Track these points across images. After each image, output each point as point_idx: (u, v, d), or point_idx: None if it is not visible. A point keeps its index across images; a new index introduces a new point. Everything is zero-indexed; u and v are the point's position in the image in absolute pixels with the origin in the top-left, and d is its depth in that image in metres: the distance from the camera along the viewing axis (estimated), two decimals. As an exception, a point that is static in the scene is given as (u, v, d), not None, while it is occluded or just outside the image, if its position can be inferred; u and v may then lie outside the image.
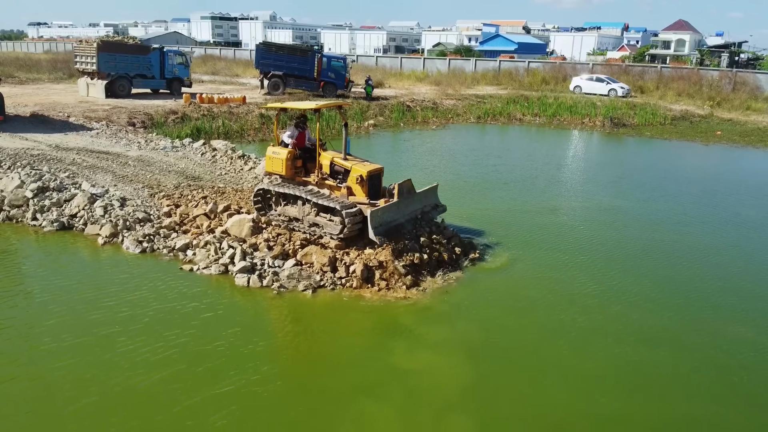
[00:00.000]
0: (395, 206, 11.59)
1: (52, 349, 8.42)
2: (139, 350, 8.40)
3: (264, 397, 7.54)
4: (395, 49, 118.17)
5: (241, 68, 50.31)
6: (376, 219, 11.02)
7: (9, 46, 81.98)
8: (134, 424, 6.96)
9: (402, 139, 28.81)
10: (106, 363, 8.12)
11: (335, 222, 11.48)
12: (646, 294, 11.00)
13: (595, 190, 18.97)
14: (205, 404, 7.29)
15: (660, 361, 8.71)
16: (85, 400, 7.33)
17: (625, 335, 9.44)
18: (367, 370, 8.30)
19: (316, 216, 11.83)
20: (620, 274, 11.87)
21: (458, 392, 7.80)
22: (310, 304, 10.11)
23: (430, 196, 12.75)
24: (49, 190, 14.04)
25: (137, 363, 8.12)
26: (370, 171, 11.69)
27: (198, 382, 7.73)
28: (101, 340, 8.72)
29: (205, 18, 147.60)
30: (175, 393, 7.50)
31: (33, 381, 7.76)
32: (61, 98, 28.32)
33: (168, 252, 11.93)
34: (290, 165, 12.28)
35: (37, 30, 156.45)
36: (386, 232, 11.22)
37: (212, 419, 7.02)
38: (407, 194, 11.90)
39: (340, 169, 12.05)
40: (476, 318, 9.83)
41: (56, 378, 7.78)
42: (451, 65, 52.93)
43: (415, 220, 12.06)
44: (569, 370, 8.40)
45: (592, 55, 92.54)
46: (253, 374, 8.01)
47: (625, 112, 36.12)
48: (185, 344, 8.66)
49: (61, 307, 9.66)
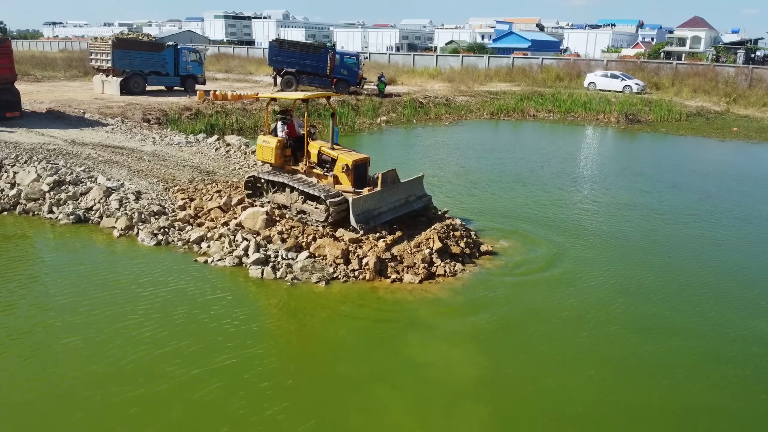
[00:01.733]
0: (378, 195, 11.88)
1: (65, 325, 8.81)
2: (149, 328, 8.56)
3: (277, 385, 7.57)
4: (408, 47, 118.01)
5: (254, 66, 50.51)
6: (357, 207, 11.41)
7: (25, 45, 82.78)
8: (141, 392, 7.24)
9: (414, 135, 28.79)
10: (114, 338, 8.44)
11: (321, 210, 11.84)
12: (662, 287, 10.91)
13: (609, 185, 18.83)
14: (216, 388, 7.33)
15: (677, 353, 8.63)
16: (94, 370, 7.69)
17: (642, 327, 9.36)
18: (381, 360, 8.30)
19: (303, 203, 12.24)
20: (636, 268, 11.77)
21: (472, 382, 7.79)
22: (323, 296, 10.12)
23: (415, 187, 12.86)
24: (65, 184, 14.18)
25: (144, 339, 8.36)
26: (355, 160, 12.03)
27: (213, 374, 7.78)
28: (111, 319, 9.04)
29: (219, 17, 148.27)
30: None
31: (47, 354, 8.13)
32: (76, 95, 28.59)
33: (183, 244, 12.00)
34: (279, 153, 12.72)
35: (53, 29, 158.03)
36: (368, 220, 11.57)
37: (227, 403, 7.06)
38: (391, 184, 12.14)
39: (327, 158, 12.45)
40: (489, 310, 9.79)
41: (67, 350, 8.16)
42: (464, 62, 52.76)
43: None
44: (583, 360, 8.35)
45: (606, 52, 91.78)
46: (267, 362, 8.06)
47: (640, 108, 35.84)
48: (199, 330, 8.72)
49: (74, 289, 9.96)
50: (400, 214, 12.29)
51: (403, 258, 10.96)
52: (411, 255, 11.01)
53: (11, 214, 13.65)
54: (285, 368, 8.07)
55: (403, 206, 12.39)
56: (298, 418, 6.94)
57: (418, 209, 12.78)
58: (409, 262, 10.86)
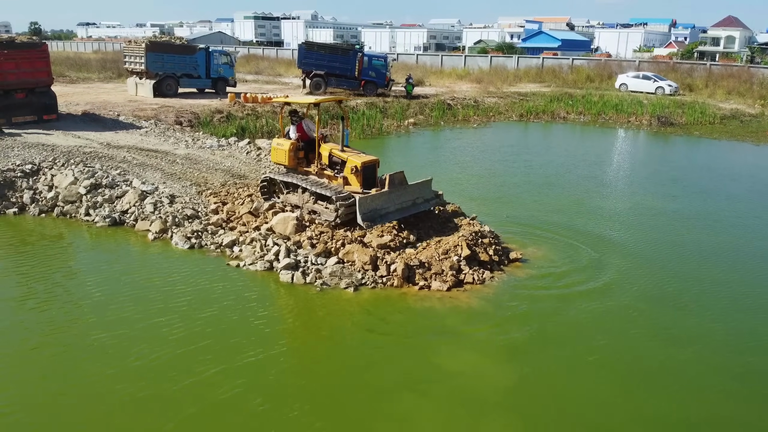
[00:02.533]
0: (385, 195, 12.29)
1: (97, 322, 9.27)
2: (178, 326, 8.75)
3: (304, 390, 7.70)
4: (435, 46, 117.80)
5: (284, 67, 50.96)
6: (364, 205, 11.88)
7: (60, 46, 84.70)
8: (165, 387, 7.55)
9: (442, 137, 28.78)
10: (143, 335, 8.83)
11: (330, 209, 12.25)
12: (695, 297, 10.79)
13: (641, 191, 18.60)
14: (245, 390, 7.50)
15: (710, 365, 8.54)
16: (121, 365, 8.06)
17: (673, 338, 9.28)
18: (410, 368, 8.35)
19: (314, 203, 12.73)
20: (667, 277, 11.65)
21: (501, 393, 7.80)
22: (352, 302, 10.24)
23: (423, 189, 13.11)
24: (101, 187, 14.57)
25: (172, 338, 8.63)
26: (364, 162, 12.45)
27: (239, 372, 7.95)
28: (141, 317, 9.43)
29: (249, 18, 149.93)
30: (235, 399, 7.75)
31: (80, 348, 8.61)
32: (111, 97, 29.23)
33: (215, 248, 12.26)
34: (293, 156, 13.26)
35: (86, 30, 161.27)
36: (375, 218, 11.99)
37: (252, 404, 7.22)
38: (398, 185, 12.52)
39: (337, 160, 12.88)
40: (519, 319, 9.78)
41: (97, 346, 8.62)
42: (492, 62, 52.47)
43: None
44: (613, 372, 8.31)
45: (638, 52, 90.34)
46: (293, 365, 8.24)
47: (673, 110, 35.21)
48: (225, 330, 8.93)
49: (108, 288, 10.46)
50: (407, 215, 12.58)
51: (431, 265, 11.02)
52: (439, 262, 11.06)
53: (49, 216, 14.10)
54: (311, 372, 8.21)
55: (410, 207, 12.70)
56: (323, 423, 7.07)
57: (425, 210, 13.08)
58: (437, 269, 10.91)
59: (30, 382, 7.75)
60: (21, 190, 14.76)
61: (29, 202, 14.42)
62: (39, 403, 7.34)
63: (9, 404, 7.28)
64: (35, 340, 8.77)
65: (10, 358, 8.28)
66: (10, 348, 8.55)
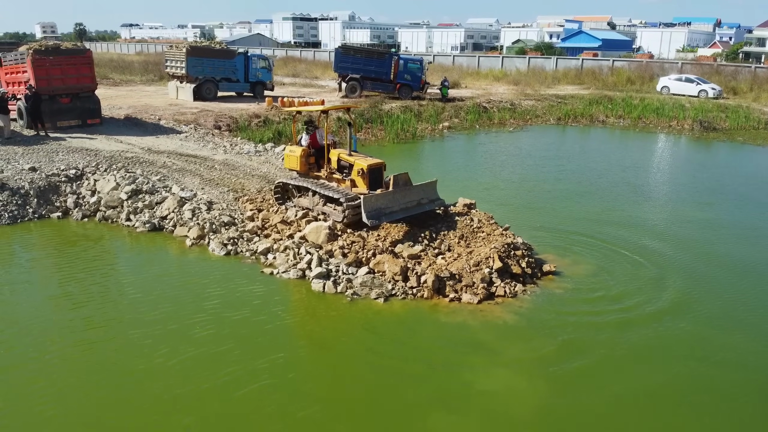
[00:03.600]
0: (390, 195, 12.76)
1: (132, 320, 9.76)
2: (210, 328, 8.98)
3: (330, 402, 7.80)
4: (473, 46, 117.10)
5: (320, 70, 51.35)
6: (369, 204, 12.35)
7: (103, 47, 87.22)
8: (191, 385, 7.75)
9: (476, 141, 28.63)
10: (174, 335, 9.23)
11: (339, 210, 12.82)
12: (733, 315, 10.50)
13: (682, 201, 18.17)
14: (290, 399, 7.64)
15: (749, 385, 8.33)
16: (150, 362, 8.53)
17: (713, 357, 9.08)
18: (441, 383, 8.31)
19: (324, 206, 13.35)
20: (708, 294, 11.34)
21: (535, 412, 7.71)
22: (382, 312, 10.30)
23: (428, 190, 13.47)
24: (141, 193, 14.98)
25: (202, 338, 9.01)
26: (370, 165, 12.99)
27: (285, 392, 8.11)
28: (174, 318, 9.88)
29: (287, 19, 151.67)
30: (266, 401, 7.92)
31: (108, 345, 9.16)
32: (152, 101, 29.98)
33: (250, 255, 12.49)
34: (304, 161, 14.01)
35: (129, 31, 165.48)
36: (380, 216, 12.45)
37: (283, 411, 7.36)
38: (403, 186, 13.04)
39: (345, 163, 13.50)
40: (554, 335, 9.62)
41: (127, 343, 9.12)
42: (530, 64, 51.93)
43: None
44: (649, 391, 8.17)
45: (681, 52, 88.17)
46: (323, 377, 8.35)
47: (716, 114, 34.24)
48: (253, 335, 9.13)
49: (144, 289, 10.98)
50: (411, 214, 13.00)
51: (461, 277, 11.01)
52: (470, 274, 11.04)
53: (92, 221, 14.58)
54: (339, 383, 8.29)
55: (414, 207, 13.09)
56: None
57: (429, 210, 13.48)
58: (468, 281, 10.90)
59: (68, 376, 8.22)
60: (65, 194, 15.29)
61: (73, 206, 14.94)
62: (60, 394, 7.81)
63: (44, 396, 7.71)
64: (76, 337, 9.33)
65: (53, 354, 8.75)
66: (54, 345, 9.00)
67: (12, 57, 21.95)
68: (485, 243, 12.25)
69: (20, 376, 8.20)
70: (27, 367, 8.42)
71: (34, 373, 8.25)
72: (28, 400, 7.67)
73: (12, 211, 14.48)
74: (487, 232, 12.83)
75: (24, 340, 9.11)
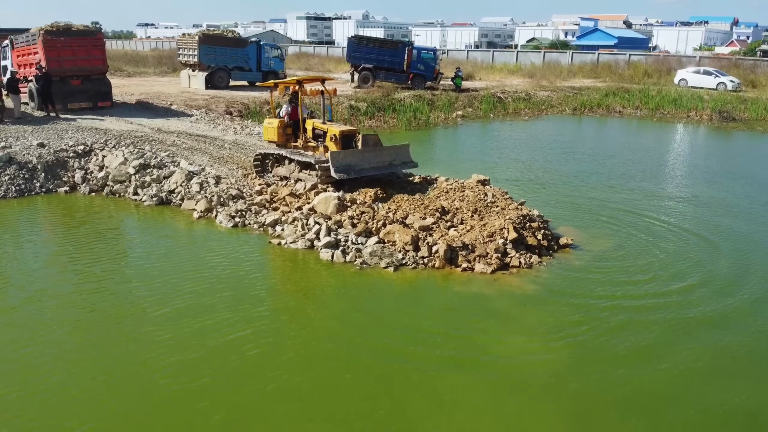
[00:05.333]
0: (360, 153, 13.33)
1: (145, 295, 9.03)
2: (220, 299, 8.65)
3: (344, 365, 7.47)
4: (487, 45, 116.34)
5: (333, 64, 51.06)
6: (336, 160, 12.77)
7: (119, 44, 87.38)
8: (194, 353, 7.21)
9: (491, 129, 28.20)
10: (185, 309, 8.54)
11: (313, 175, 13.40)
12: (753, 287, 10.04)
13: (699, 181, 17.67)
14: (293, 362, 7.33)
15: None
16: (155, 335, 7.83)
17: (733, 326, 8.64)
18: (455, 347, 7.95)
19: (300, 172, 13.92)
20: (728, 266, 10.89)
21: (553, 378, 7.29)
22: (393, 281, 9.96)
23: (400, 153, 14.01)
24: (149, 167, 14.76)
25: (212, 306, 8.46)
26: (342, 131, 13.64)
27: (288, 348, 7.80)
28: (184, 286, 9.30)
29: (301, 18, 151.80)
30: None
31: (114, 318, 8.57)
32: (164, 89, 29.86)
33: (258, 227, 12.21)
34: (281, 132, 14.65)
35: (145, 30, 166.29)
36: (348, 171, 12.87)
37: (298, 380, 7.05)
38: (373, 146, 13.65)
39: (320, 132, 14.12)
40: (570, 304, 9.23)
41: (135, 317, 8.44)
42: (545, 58, 51.28)
43: None
44: (668, 358, 7.75)
45: (698, 50, 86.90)
46: (334, 339, 8.00)
47: (735, 106, 33.54)
48: (270, 309, 8.81)
49: (152, 263, 10.37)
50: (383, 173, 13.63)
51: (474, 247, 10.63)
52: (483, 244, 10.66)
53: (99, 195, 14.40)
54: (351, 348, 7.91)
55: (386, 167, 13.67)
56: (363, 393, 6.84)
57: (401, 172, 14.16)
58: (482, 251, 10.52)
59: (70, 346, 7.88)
60: (73, 169, 15.12)
61: (80, 181, 14.75)
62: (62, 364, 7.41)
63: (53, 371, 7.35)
64: (85, 308, 8.93)
65: (60, 327, 8.44)
66: (65, 319, 8.70)
67: (23, 39, 21.91)
68: (499, 216, 11.87)
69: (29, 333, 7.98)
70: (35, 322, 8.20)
71: (40, 334, 8.06)
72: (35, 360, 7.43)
73: (19, 185, 14.32)
74: (502, 206, 12.41)
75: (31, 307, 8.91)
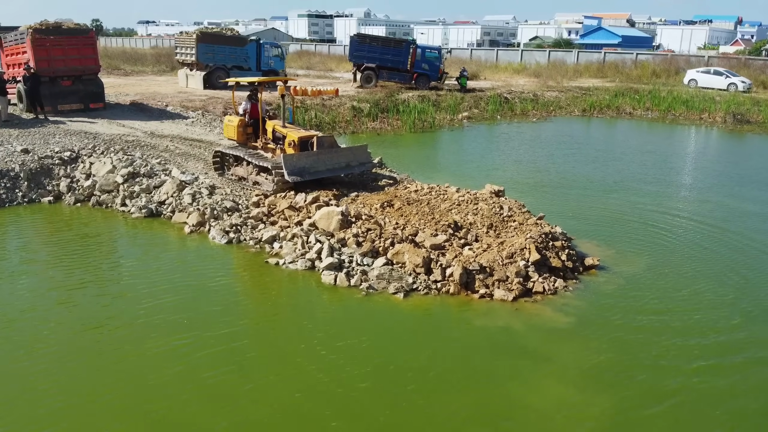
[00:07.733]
0: (314, 156, 13.10)
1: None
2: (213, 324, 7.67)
3: (346, 424, 6.49)
4: (489, 43, 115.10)
5: (335, 63, 50.01)
6: (289, 163, 12.60)
7: (118, 42, 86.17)
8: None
9: (497, 131, 27.20)
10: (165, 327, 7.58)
11: (269, 180, 13.12)
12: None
13: (723, 192, 16.66)
14: (310, 404, 6.36)
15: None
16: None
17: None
18: (483, 398, 6.90)
19: (257, 175, 13.62)
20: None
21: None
22: (403, 309, 8.96)
23: (358, 153, 13.95)
24: (139, 176, 13.78)
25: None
26: (301, 136, 13.45)
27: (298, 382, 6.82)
28: (172, 304, 8.63)
29: (302, 16, 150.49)
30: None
31: (100, 331, 7.84)
32: (161, 89, 28.83)
33: (254, 243, 11.24)
34: (241, 131, 14.38)
35: (146, 28, 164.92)
36: (302, 173, 12.68)
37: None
38: (329, 147, 13.50)
39: (280, 135, 13.87)
40: (607, 338, 8.23)
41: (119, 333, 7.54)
42: (551, 57, 50.19)
43: None
44: (716, 398, 6.80)
45: (703, 49, 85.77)
46: (338, 391, 7.01)
47: (749, 107, 32.51)
48: (267, 338, 7.82)
49: (138, 281, 9.49)
50: (339, 174, 13.52)
51: (493, 270, 9.64)
52: (503, 267, 9.67)
53: (85, 206, 13.43)
54: (355, 397, 6.95)
55: (343, 168, 13.57)
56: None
57: (359, 172, 14.07)
58: (501, 275, 9.53)
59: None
60: (58, 177, 14.14)
61: (66, 190, 13.78)
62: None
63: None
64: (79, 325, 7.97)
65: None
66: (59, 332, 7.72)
67: (12, 37, 20.94)
68: (518, 233, 10.88)
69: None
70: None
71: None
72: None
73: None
74: (520, 221, 11.44)
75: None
